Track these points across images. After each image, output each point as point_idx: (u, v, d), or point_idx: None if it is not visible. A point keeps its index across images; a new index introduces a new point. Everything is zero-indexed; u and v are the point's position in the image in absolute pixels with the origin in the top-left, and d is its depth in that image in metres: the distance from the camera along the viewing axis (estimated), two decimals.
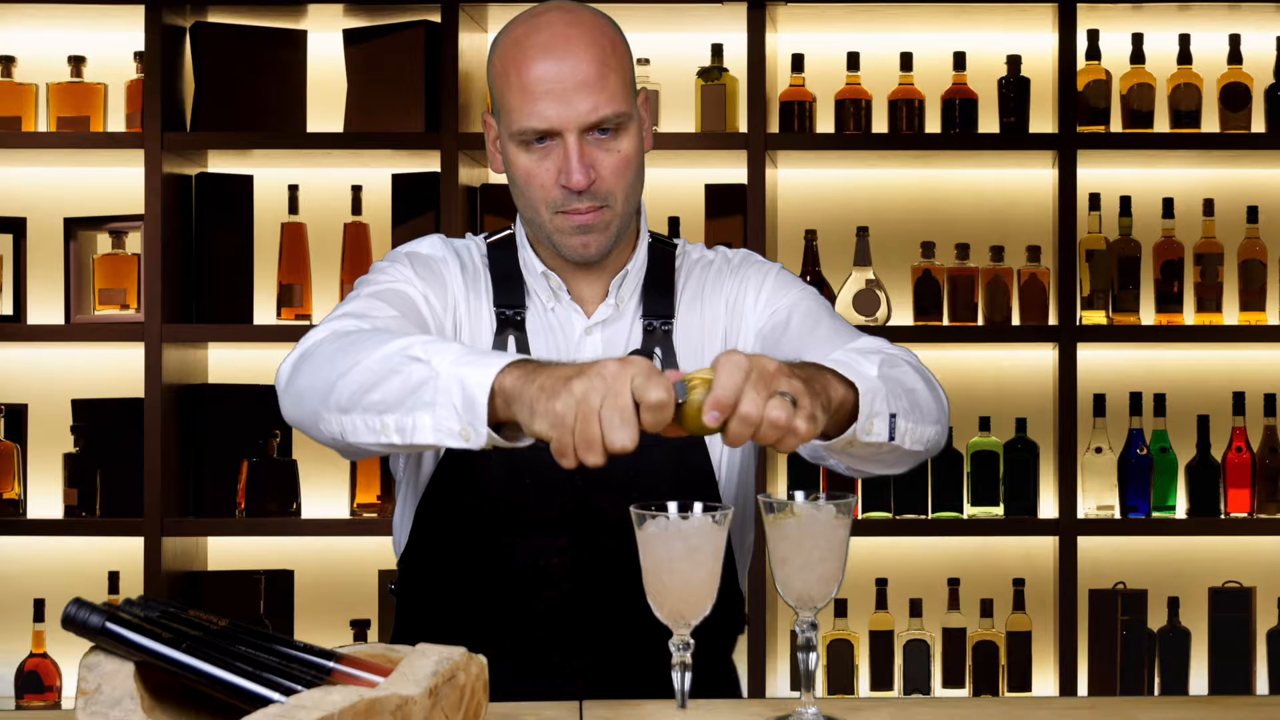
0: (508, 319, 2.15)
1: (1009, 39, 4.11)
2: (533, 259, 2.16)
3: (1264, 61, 4.05)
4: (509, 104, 2.05)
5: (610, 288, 2.16)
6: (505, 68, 2.06)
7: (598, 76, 2.03)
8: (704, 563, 1.75)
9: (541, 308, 2.16)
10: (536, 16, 2.07)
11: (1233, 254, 4.05)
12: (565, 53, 2.03)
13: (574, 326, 2.15)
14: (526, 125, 2.04)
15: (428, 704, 1.47)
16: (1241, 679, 3.97)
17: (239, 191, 4.04)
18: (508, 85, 2.05)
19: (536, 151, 2.06)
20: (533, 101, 2.03)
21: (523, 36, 2.06)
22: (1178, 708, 1.91)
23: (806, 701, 1.76)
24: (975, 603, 4.03)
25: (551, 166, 2.05)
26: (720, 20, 3.99)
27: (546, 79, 2.02)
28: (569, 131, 2.03)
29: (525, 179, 2.07)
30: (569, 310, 2.15)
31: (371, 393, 1.83)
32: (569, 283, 2.16)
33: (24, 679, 3.91)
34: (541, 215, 2.09)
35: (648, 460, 2.04)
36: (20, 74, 4.05)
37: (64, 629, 1.52)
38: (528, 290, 2.17)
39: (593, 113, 2.03)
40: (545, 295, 2.16)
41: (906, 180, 4.19)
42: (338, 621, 4.02)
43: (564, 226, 2.08)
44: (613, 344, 2.15)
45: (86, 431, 3.96)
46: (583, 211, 2.06)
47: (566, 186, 2.05)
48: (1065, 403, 3.93)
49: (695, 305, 2.19)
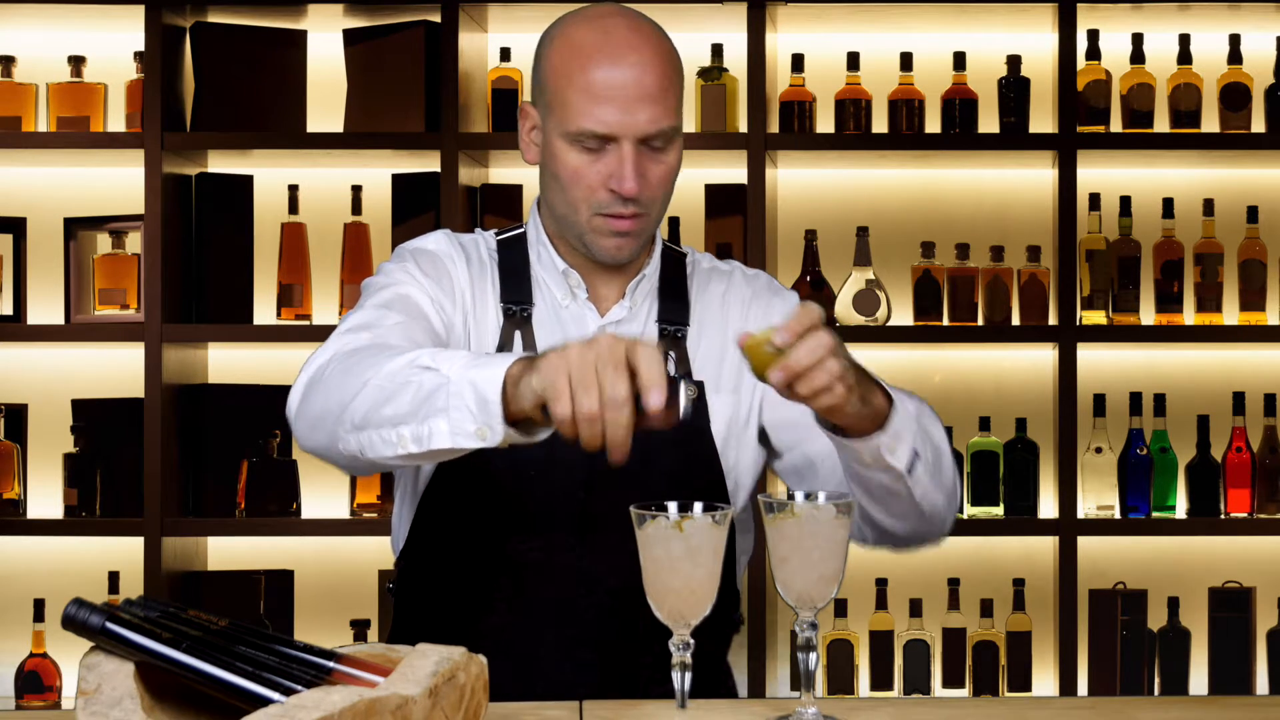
0: (514, 315, 2.15)
1: (1009, 39, 4.11)
2: (553, 256, 2.17)
3: (1264, 61, 4.05)
4: (567, 101, 2.06)
5: (627, 290, 2.17)
6: (567, 65, 2.07)
7: (660, 89, 2.06)
8: (704, 563, 1.75)
9: (554, 304, 2.17)
10: (600, 19, 2.09)
11: (1233, 254, 4.05)
12: (633, 61, 2.05)
13: (587, 324, 2.16)
14: (585, 127, 2.05)
15: (428, 704, 1.47)
16: (1241, 679, 3.97)
17: (239, 191, 4.04)
18: (568, 83, 2.06)
19: (589, 153, 2.07)
20: (595, 104, 2.04)
21: (587, 37, 2.07)
22: (1178, 708, 1.91)
23: (806, 701, 1.76)
24: (975, 603, 4.03)
25: (603, 169, 2.07)
26: (720, 20, 3.99)
27: (613, 84, 2.04)
28: (626, 139, 2.05)
29: (572, 177, 2.09)
30: (583, 308, 2.17)
31: (384, 407, 1.84)
32: (586, 282, 2.17)
33: (24, 679, 3.91)
34: (580, 214, 2.10)
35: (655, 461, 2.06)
36: (20, 74, 4.05)
37: (64, 629, 1.52)
38: (537, 287, 2.17)
39: (652, 123, 2.05)
40: (561, 292, 2.17)
41: (906, 180, 4.19)
42: (338, 621, 4.02)
43: (602, 228, 2.09)
44: None
45: (86, 431, 3.96)
46: (625, 217, 2.08)
47: (616, 191, 2.06)
48: (1065, 403, 3.93)
49: (715, 314, 2.21)
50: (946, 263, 4.06)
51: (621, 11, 2.11)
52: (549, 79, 2.10)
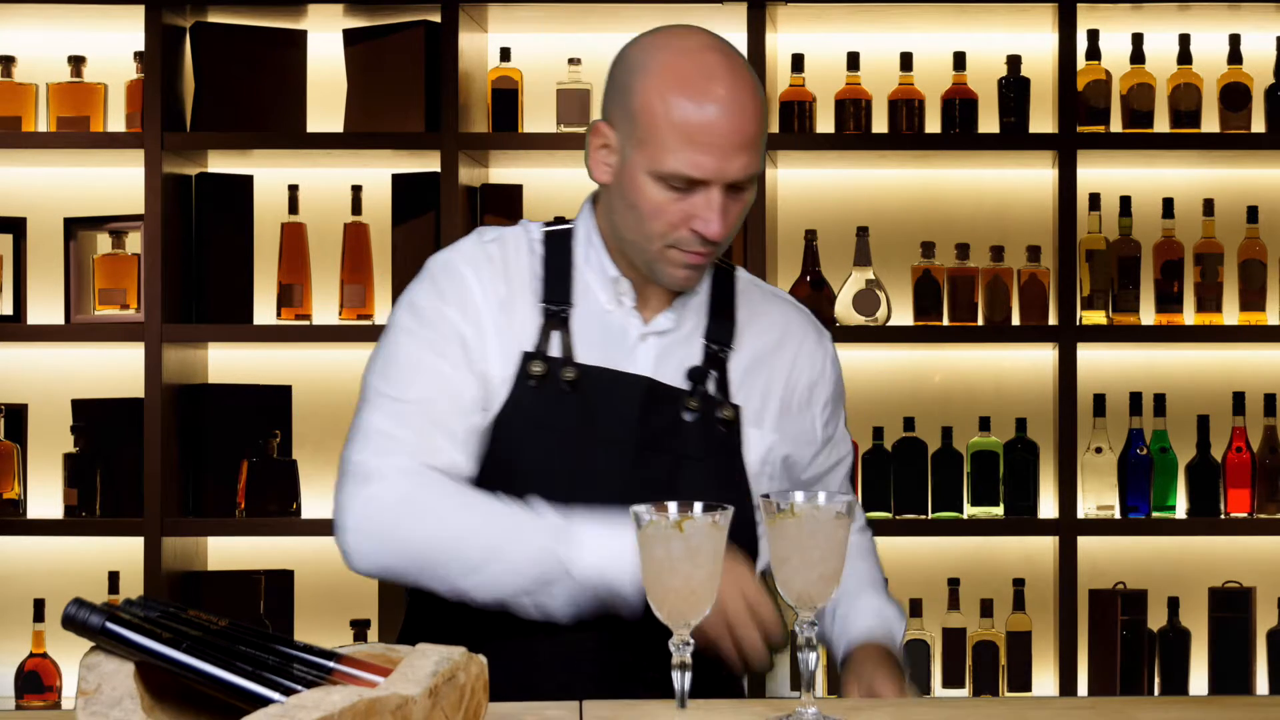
0: (554, 315, 2.13)
1: (1009, 39, 4.11)
2: (604, 261, 2.15)
3: (1264, 61, 4.05)
4: (662, 139, 2.02)
5: (674, 302, 2.16)
6: (665, 101, 2.03)
7: (756, 136, 2.05)
8: (704, 563, 1.75)
9: (597, 308, 2.15)
10: (699, 54, 2.05)
11: (1233, 254, 4.05)
12: (733, 109, 2.02)
13: (629, 332, 2.14)
14: (680, 170, 2.03)
15: (428, 704, 1.47)
16: (1241, 679, 3.97)
17: (239, 191, 4.04)
18: (665, 121, 2.02)
19: (675, 191, 2.04)
20: (693, 150, 2.01)
21: (686, 74, 2.04)
22: (1178, 708, 1.91)
23: (806, 701, 1.76)
24: (975, 603, 4.03)
25: (687, 209, 2.04)
26: (720, 20, 3.99)
27: (715, 132, 2.01)
28: (717, 185, 2.03)
29: (654, 211, 2.05)
30: (628, 315, 2.14)
31: (504, 579, 2.02)
32: (635, 290, 2.15)
33: (24, 679, 3.91)
34: (653, 244, 2.08)
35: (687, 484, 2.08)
36: (20, 74, 4.05)
37: (64, 629, 1.52)
38: (580, 288, 2.15)
39: (744, 170, 2.04)
40: (606, 297, 2.15)
41: (906, 180, 4.19)
42: (338, 621, 4.02)
43: (675, 260, 2.08)
44: (667, 355, 2.15)
45: (86, 431, 3.96)
46: (699, 254, 2.07)
47: (700, 233, 2.05)
48: (1065, 403, 3.93)
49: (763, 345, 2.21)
50: (946, 263, 4.06)
51: (718, 46, 2.07)
52: (640, 109, 2.05)
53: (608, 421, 2.09)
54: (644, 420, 2.10)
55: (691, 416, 2.12)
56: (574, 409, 2.09)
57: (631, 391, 2.10)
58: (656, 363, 2.13)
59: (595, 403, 2.09)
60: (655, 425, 2.11)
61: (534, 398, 2.09)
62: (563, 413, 2.09)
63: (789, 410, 2.21)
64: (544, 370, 2.09)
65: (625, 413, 2.09)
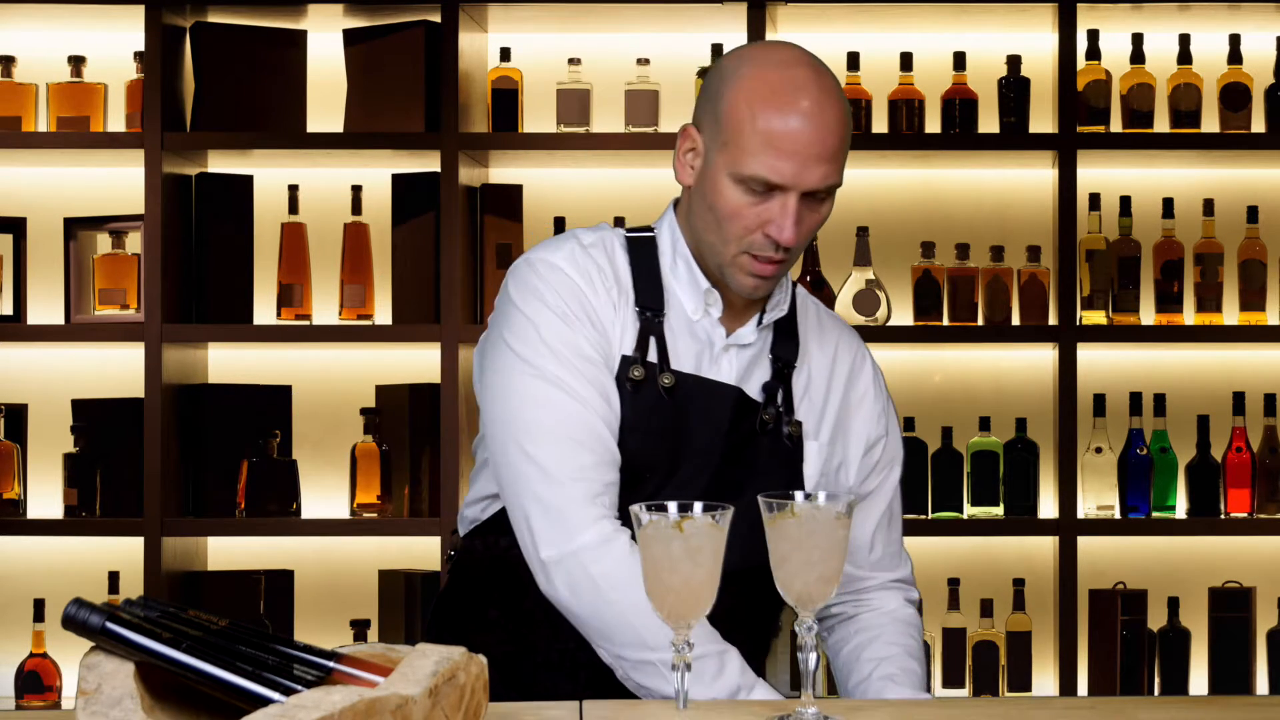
0: (649, 322, 2.16)
1: (1009, 39, 4.11)
2: (695, 271, 2.18)
3: (1264, 61, 4.05)
4: (744, 143, 2.07)
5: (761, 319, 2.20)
6: (752, 107, 2.07)
7: (838, 149, 2.08)
8: (704, 563, 1.75)
9: (684, 317, 2.18)
10: (790, 67, 2.09)
11: (1233, 254, 4.05)
12: (818, 121, 2.06)
13: (715, 342, 2.18)
14: (759, 174, 2.06)
15: (428, 704, 1.47)
16: (1241, 679, 3.97)
17: (239, 191, 4.04)
18: (750, 127, 2.06)
19: (753, 195, 2.08)
20: (774, 155, 2.05)
21: (775, 85, 2.07)
22: (1178, 708, 1.91)
23: (806, 701, 1.76)
24: (975, 603, 4.03)
25: (763, 214, 2.08)
26: (720, 20, 3.99)
27: (796, 140, 2.05)
28: (794, 191, 2.07)
29: (731, 214, 2.09)
30: (713, 325, 2.18)
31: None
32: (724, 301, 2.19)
33: (24, 679, 3.91)
34: (728, 248, 2.11)
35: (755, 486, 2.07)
36: (20, 74, 4.05)
37: (64, 629, 1.52)
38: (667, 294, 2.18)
39: (822, 180, 2.07)
40: (692, 305, 2.18)
41: (906, 180, 4.19)
42: (338, 621, 4.02)
43: (746, 266, 2.12)
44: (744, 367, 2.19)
45: (86, 431, 3.96)
46: (772, 261, 2.10)
47: (773, 238, 2.08)
48: (1065, 403, 3.93)
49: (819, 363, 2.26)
50: (946, 263, 4.06)
51: (809, 62, 2.11)
52: (728, 115, 2.09)
53: (699, 429, 2.14)
54: (732, 430, 2.15)
55: (765, 428, 2.18)
56: (669, 414, 2.14)
57: (723, 401, 2.15)
58: (740, 374, 2.18)
59: (689, 410, 2.14)
60: (738, 435, 2.16)
61: (630, 401, 2.13)
62: (657, 417, 2.13)
63: (842, 426, 2.27)
64: (643, 375, 2.13)
65: (716, 421, 2.15)
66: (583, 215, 4.06)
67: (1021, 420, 4.03)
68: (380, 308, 4.07)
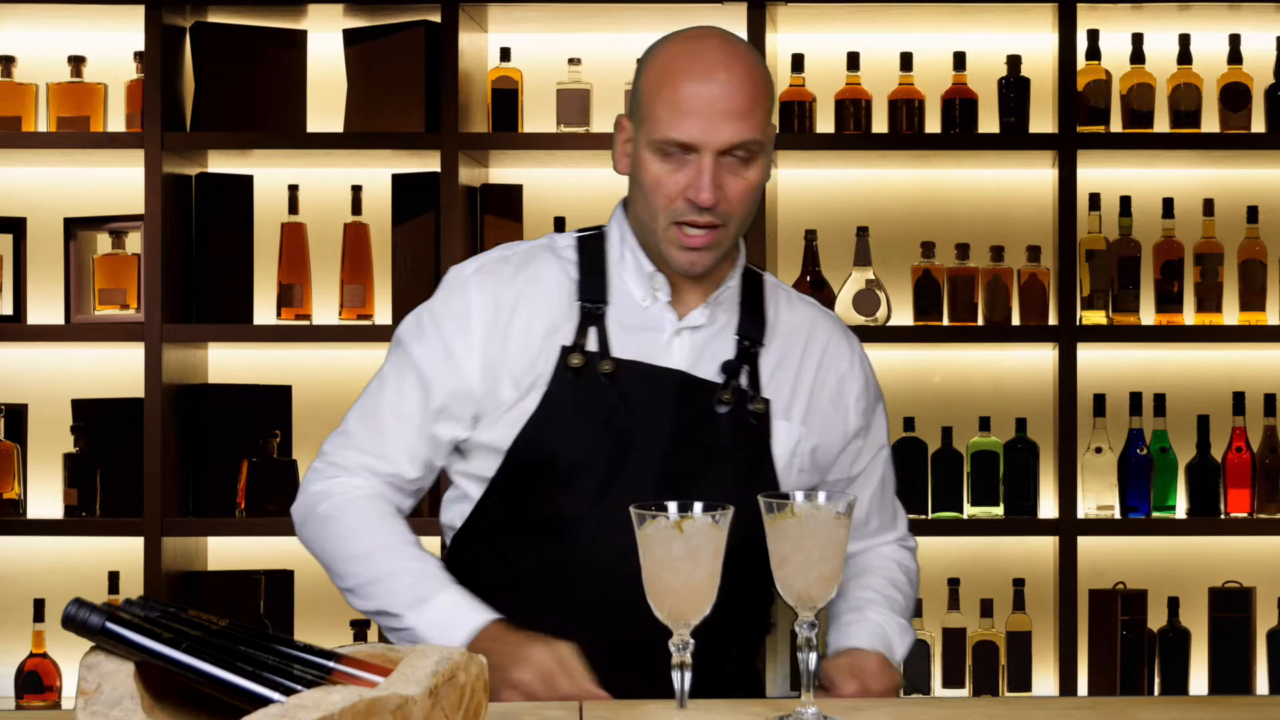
0: (589, 312, 2.22)
1: (1009, 39, 4.11)
2: (640, 258, 2.24)
3: (1264, 61, 4.05)
4: (656, 113, 2.16)
5: (710, 299, 2.24)
6: (660, 79, 2.17)
7: (746, 106, 2.15)
8: (704, 563, 1.76)
9: (632, 305, 2.24)
10: (698, 39, 2.20)
11: (1233, 254, 4.05)
12: (721, 78, 2.15)
13: (664, 326, 2.23)
14: (669, 135, 2.14)
15: (428, 704, 1.47)
16: (1241, 679, 3.97)
17: (239, 191, 4.04)
18: (658, 97, 2.16)
19: (671, 162, 2.16)
20: (681, 116, 2.14)
21: (682, 55, 2.18)
22: (1178, 708, 1.91)
23: (806, 701, 1.76)
24: (975, 603, 4.03)
25: (682, 179, 2.16)
26: (720, 20, 3.98)
27: (700, 98, 2.14)
28: (707, 150, 2.13)
29: (653, 186, 2.17)
30: (663, 310, 2.23)
31: (373, 615, 2.20)
32: (671, 285, 2.24)
33: (24, 679, 3.91)
34: (659, 222, 2.18)
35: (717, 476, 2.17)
36: (20, 74, 4.05)
37: (64, 629, 1.52)
38: (614, 287, 2.24)
39: (734, 136, 2.14)
40: (642, 293, 2.24)
41: (906, 180, 4.19)
42: (338, 621, 4.01)
43: (676, 239, 2.18)
44: (701, 349, 2.23)
45: (86, 431, 3.96)
46: (700, 226, 2.16)
47: (693, 201, 2.14)
48: (1065, 403, 3.93)
49: (792, 343, 2.30)
50: (946, 263, 4.06)
51: (718, 34, 2.21)
52: (643, 92, 2.19)
53: (643, 413, 2.18)
54: (677, 412, 2.19)
55: (724, 409, 2.21)
56: (611, 400, 2.18)
57: (666, 384, 2.19)
58: (691, 357, 2.22)
59: (631, 395, 2.18)
60: (688, 417, 2.19)
61: (573, 390, 2.18)
62: (600, 404, 2.18)
63: (818, 403, 2.29)
64: (581, 362, 2.18)
65: (660, 405, 2.18)
66: (583, 215, 4.05)
67: (1021, 420, 4.03)
68: (380, 308, 4.07)
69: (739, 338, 2.25)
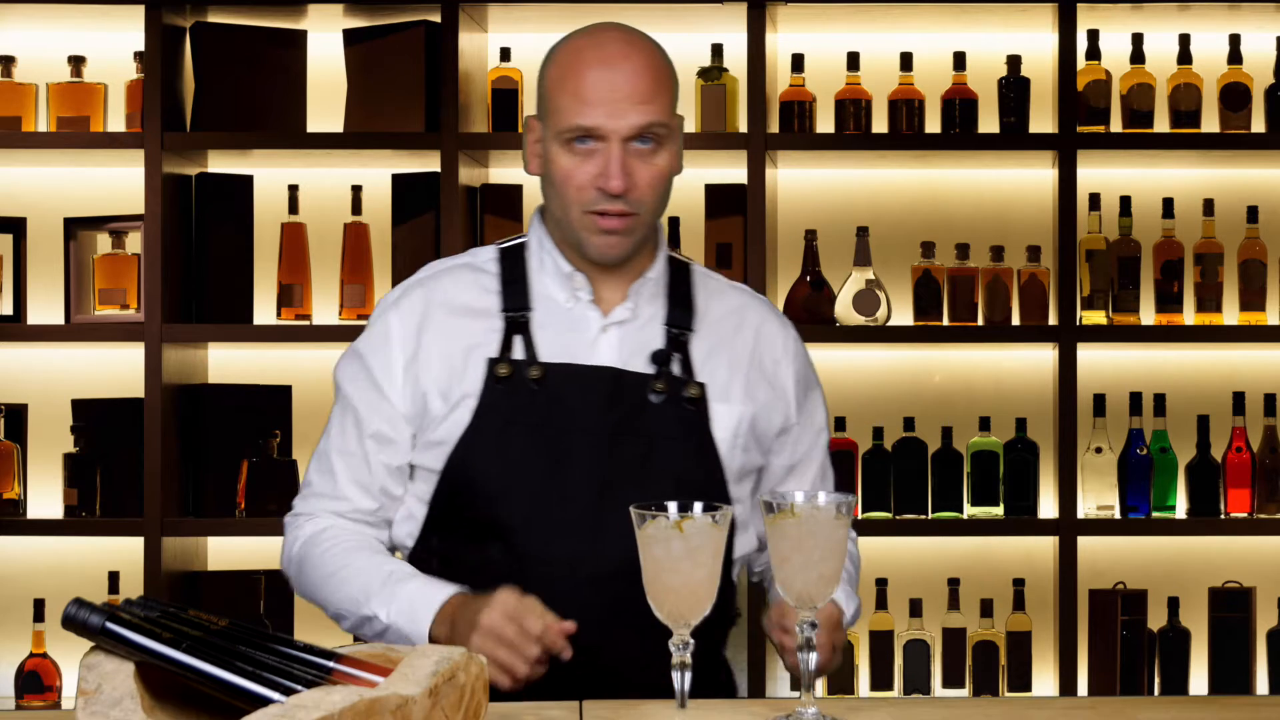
0: (513, 321, 2.23)
1: (1009, 39, 4.11)
2: (558, 260, 2.26)
3: (1264, 61, 4.05)
4: (560, 105, 2.19)
5: (630, 292, 2.26)
6: (562, 72, 2.20)
7: (649, 91, 2.18)
8: (704, 563, 1.76)
9: (556, 308, 2.25)
10: (596, 33, 2.24)
11: (1233, 254, 4.05)
12: (622, 67, 2.19)
13: (590, 325, 2.24)
14: (575, 122, 2.16)
15: (428, 704, 1.47)
16: (1241, 679, 3.97)
17: (239, 191, 4.04)
18: (562, 88, 2.19)
19: (579, 153, 2.18)
20: (584, 104, 2.17)
21: (583, 47, 2.22)
22: (1178, 708, 1.92)
23: (806, 701, 1.76)
24: (975, 603, 4.03)
25: (592, 169, 2.18)
26: (720, 20, 3.99)
27: (603, 84, 2.17)
28: (613, 137, 2.16)
29: (564, 178, 2.19)
30: (586, 309, 2.25)
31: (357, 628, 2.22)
32: (591, 284, 2.26)
33: (24, 679, 3.91)
34: (572, 214, 2.20)
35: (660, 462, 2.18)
36: (20, 74, 4.05)
37: (64, 629, 1.52)
38: (538, 292, 2.26)
39: (636, 123, 2.16)
40: (564, 295, 2.25)
41: (906, 180, 4.19)
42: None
43: (591, 226, 2.20)
44: (629, 343, 2.25)
45: (86, 431, 3.96)
46: (612, 215, 2.18)
47: (603, 189, 2.16)
48: (1065, 403, 3.93)
49: (723, 328, 2.30)
50: (946, 263, 4.06)
51: (618, 27, 2.25)
52: (548, 88, 2.23)
53: (577, 412, 2.19)
54: (611, 407, 2.20)
55: (658, 398, 2.22)
56: (544, 404, 2.19)
57: (596, 381, 2.21)
58: (620, 351, 2.24)
59: (563, 396, 2.20)
60: (623, 411, 2.20)
61: (504, 399, 2.20)
62: (533, 409, 2.19)
63: (754, 382, 2.30)
64: (509, 371, 2.20)
65: (592, 402, 2.20)
66: None
67: (1021, 420, 4.03)
68: None
69: (667, 327, 2.26)
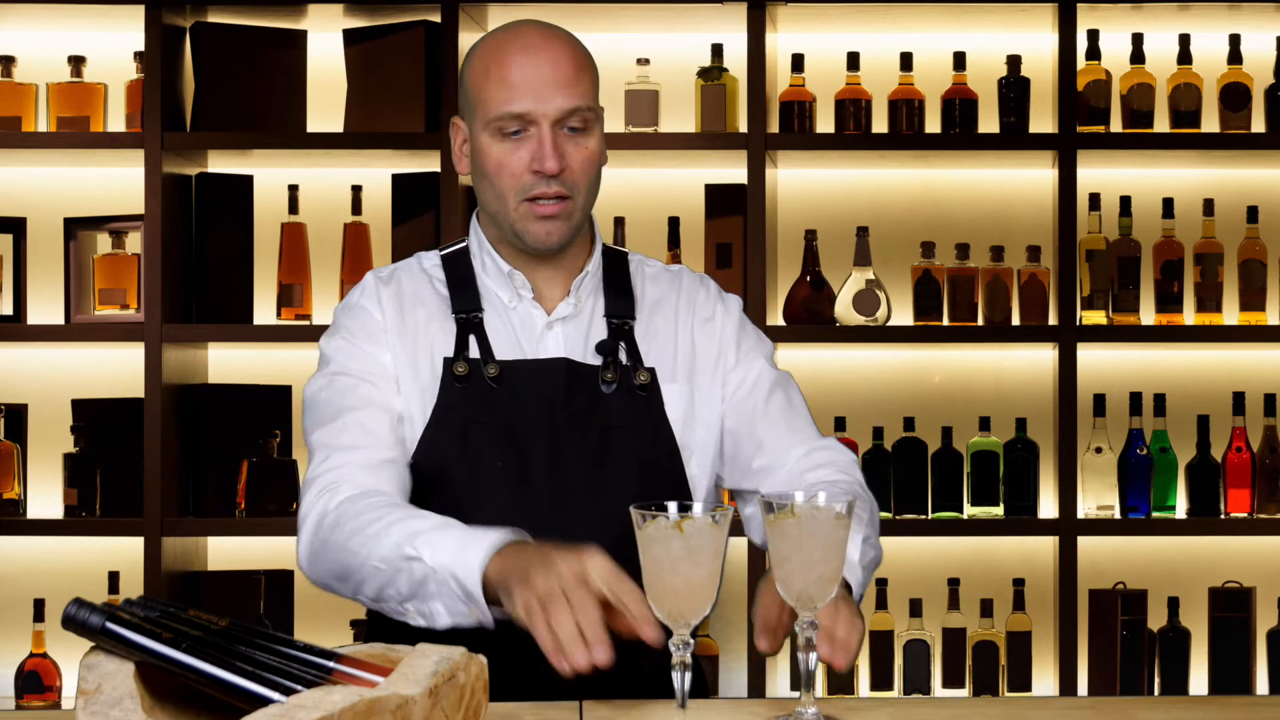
0: (467, 322, 2.26)
1: (1009, 39, 4.11)
2: (498, 260, 2.29)
3: (1264, 61, 4.05)
4: (486, 97, 2.21)
5: (571, 287, 2.28)
6: (486, 65, 2.22)
7: (573, 76, 2.21)
8: (704, 563, 1.76)
9: (501, 308, 2.28)
10: (516, 27, 2.27)
11: (1233, 254, 4.05)
12: (545, 52, 2.22)
13: (535, 323, 2.27)
14: (505, 109, 2.19)
15: (428, 704, 1.47)
16: (1241, 679, 3.97)
17: (239, 191, 4.04)
18: (486, 80, 2.21)
19: (510, 142, 2.20)
20: (512, 90, 2.19)
21: (504, 40, 2.24)
22: (1178, 708, 1.91)
23: (806, 701, 1.76)
24: (975, 603, 4.04)
25: (525, 155, 2.20)
26: (720, 20, 3.99)
27: (526, 72, 2.20)
28: (543, 120, 2.19)
29: (496, 168, 2.22)
30: (529, 308, 2.28)
31: (388, 588, 2.04)
32: (531, 282, 2.28)
33: (24, 679, 3.91)
34: (508, 204, 2.22)
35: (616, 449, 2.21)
36: (20, 74, 4.05)
37: (64, 629, 1.52)
38: (484, 293, 2.28)
39: (567, 102, 2.19)
40: (507, 295, 2.28)
41: (906, 180, 4.19)
42: (338, 621, 4.02)
43: (528, 214, 2.22)
44: (575, 338, 2.27)
45: (86, 431, 3.96)
46: (549, 198, 2.20)
47: (539, 171, 2.19)
48: (1065, 403, 3.93)
49: (661, 310, 2.33)
50: (946, 263, 4.06)
51: (533, 21, 2.28)
52: (471, 85, 2.25)
53: (534, 407, 2.21)
54: (568, 399, 2.22)
55: (609, 388, 2.25)
56: (502, 401, 2.22)
57: (552, 374, 2.23)
58: (568, 347, 2.26)
59: (520, 392, 2.22)
60: (578, 402, 2.23)
61: (463, 397, 2.22)
62: (492, 406, 2.21)
63: (702, 356, 2.31)
64: (467, 370, 2.22)
65: (549, 395, 2.22)
66: None
67: (1021, 420, 4.03)
68: None
69: (608, 318, 2.28)
